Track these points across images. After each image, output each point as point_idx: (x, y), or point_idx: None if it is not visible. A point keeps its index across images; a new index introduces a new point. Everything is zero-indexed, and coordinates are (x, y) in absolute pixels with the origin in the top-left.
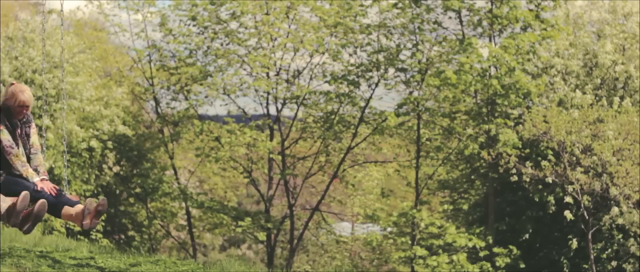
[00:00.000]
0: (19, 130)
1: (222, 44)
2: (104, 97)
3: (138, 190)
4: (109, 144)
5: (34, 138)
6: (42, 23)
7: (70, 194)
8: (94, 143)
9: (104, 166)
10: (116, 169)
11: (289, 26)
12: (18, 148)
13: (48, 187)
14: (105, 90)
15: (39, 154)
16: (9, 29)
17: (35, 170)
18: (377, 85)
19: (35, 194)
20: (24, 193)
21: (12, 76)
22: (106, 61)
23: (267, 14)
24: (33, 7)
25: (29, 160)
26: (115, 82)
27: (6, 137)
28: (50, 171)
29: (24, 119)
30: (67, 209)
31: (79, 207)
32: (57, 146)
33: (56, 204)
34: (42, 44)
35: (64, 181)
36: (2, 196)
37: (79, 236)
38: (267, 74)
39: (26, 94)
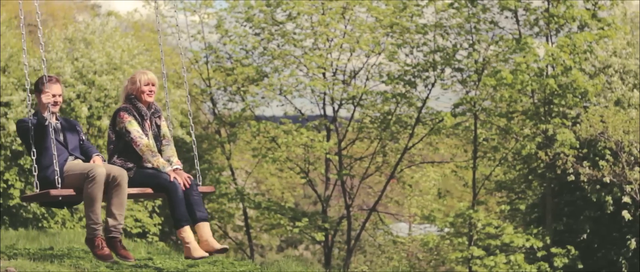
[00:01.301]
0: (148, 122)
1: (278, 45)
2: (162, 99)
3: None
4: None
5: (165, 129)
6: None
7: (202, 185)
8: None
9: None
10: None
11: (345, 27)
12: (148, 139)
13: (182, 177)
14: (163, 92)
15: (171, 145)
16: (68, 30)
17: (168, 161)
18: (433, 85)
19: (169, 185)
20: (108, 253)
21: (73, 77)
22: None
23: (323, 14)
24: (91, 9)
25: (160, 152)
26: (173, 84)
27: (135, 128)
28: None
29: (152, 109)
30: (186, 233)
31: (202, 233)
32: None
33: (180, 219)
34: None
35: (198, 172)
36: (113, 209)
37: (135, 238)
38: (324, 74)
39: (149, 73)
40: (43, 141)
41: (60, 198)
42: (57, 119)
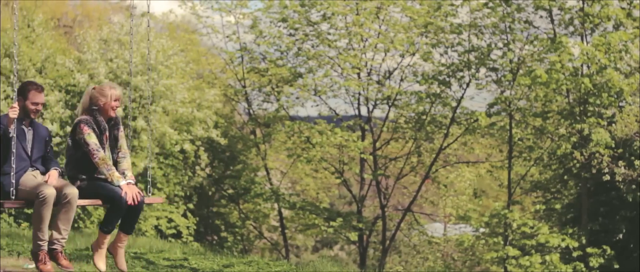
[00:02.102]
0: (106, 134)
1: (312, 46)
2: (197, 99)
3: (230, 191)
4: (201, 150)
5: (122, 141)
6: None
7: (154, 195)
8: (187, 146)
9: (197, 167)
10: (209, 170)
11: (380, 27)
12: (104, 151)
13: (133, 192)
14: (198, 92)
15: (127, 158)
16: (103, 31)
17: (123, 174)
18: (468, 85)
19: (118, 200)
20: None
21: (108, 78)
22: (198, 63)
23: (357, 14)
24: (126, 10)
25: (116, 164)
26: (208, 84)
27: (93, 141)
28: (144, 174)
29: (113, 122)
30: (104, 238)
31: (119, 250)
32: (152, 148)
33: (108, 225)
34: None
35: (148, 184)
36: (58, 227)
37: (170, 239)
38: (358, 74)
39: (118, 88)
40: (6, 151)
41: (7, 210)
42: (30, 125)
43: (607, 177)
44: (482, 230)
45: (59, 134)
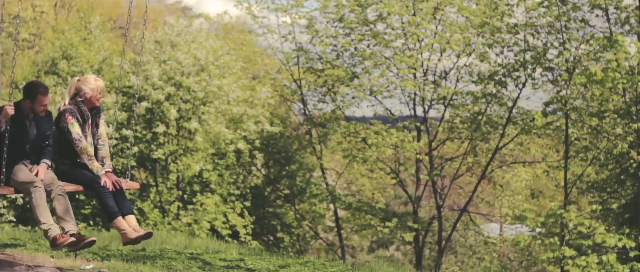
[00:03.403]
0: (89, 122)
1: (368, 46)
2: (249, 98)
3: (286, 191)
4: (257, 143)
5: (102, 129)
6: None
7: (130, 181)
8: (241, 145)
9: (253, 167)
10: (264, 171)
11: (436, 27)
12: (86, 140)
13: (111, 180)
14: (250, 92)
15: (106, 146)
16: (158, 33)
17: (101, 161)
18: (524, 85)
19: (98, 188)
20: (70, 240)
21: (162, 79)
22: (254, 64)
23: (414, 15)
24: (181, 11)
25: (96, 150)
26: (260, 83)
27: (76, 130)
28: (199, 174)
29: (94, 111)
30: (119, 222)
31: (131, 222)
32: (206, 149)
33: (111, 212)
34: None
35: (128, 170)
36: (58, 212)
37: (227, 239)
38: (414, 75)
39: (100, 80)
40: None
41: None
42: (34, 119)
43: None
44: (538, 230)
45: (116, 137)
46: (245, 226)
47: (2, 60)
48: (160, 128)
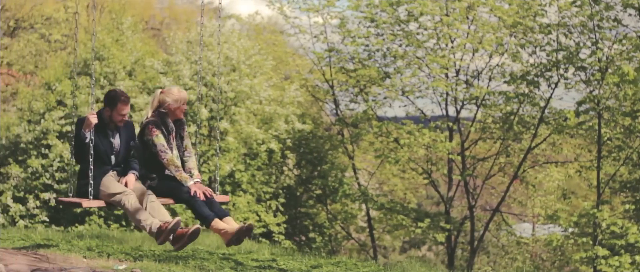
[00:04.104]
0: (173, 134)
1: (400, 46)
2: (279, 97)
3: (318, 191)
4: (288, 142)
5: (188, 141)
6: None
7: (220, 194)
8: (273, 145)
9: (285, 168)
10: (296, 171)
11: (468, 27)
12: (172, 152)
13: (201, 190)
14: (280, 91)
15: (192, 157)
16: (191, 33)
17: (189, 173)
18: (556, 85)
19: (189, 198)
20: (177, 220)
21: (193, 80)
22: (285, 64)
23: (446, 15)
24: (212, 12)
25: (183, 163)
26: (292, 83)
27: (161, 142)
28: (230, 175)
29: (178, 123)
30: (217, 223)
31: (229, 223)
32: (238, 149)
33: (206, 217)
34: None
35: (217, 184)
36: (157, 207)
37: (260, 239)
38: (446, 75)
39: (184, 91)
40: (85, 154)
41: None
42: (116, 128)
43: None
44: (571, 230)
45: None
46: (278, 224)
47: (35, 61)
48: (192, 128)
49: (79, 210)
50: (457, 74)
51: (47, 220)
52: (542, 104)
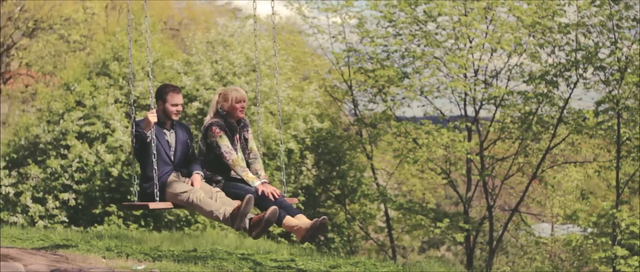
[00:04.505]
0: (237, 136)
1: (418, 46)
2: (298, 97)
3: (337, 192)
4: (307, 142)
5: (252, 143)
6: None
7: (289, 197)
8: (292, 145)
9: (303, 167)
10: (315, 171)
11: (487, 27)
12: (237, 153)
13: (269, 190)
14: (299, 91)
15: (258, 159)
16: (211, 34)
17: (256, 174)
18: (575, 84)
19: (258, 199)
20: (248, 196)
21: (214, 80)
22: (304, 64)
23: (465, 15)
24: (231, 12)
25: (248, 165)
26: (310, 84)
27: (225, 143)
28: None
29: (242, 124)
30: (289, 220)
31: (301, 219)
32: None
33: (278, 212)
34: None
35: (283, 184)
36: (226, 199)
37: (279, 238)
38: (464, 75)
39: (241, 90)
40: (146, 156)
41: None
42: (172, 127)
43: None
44: (590, 230)
45: None
46: None
47: (54, 61)
48: None
49: (139, 212)
50: (475, 74)
51: (67, 220)
52: (561, 104)
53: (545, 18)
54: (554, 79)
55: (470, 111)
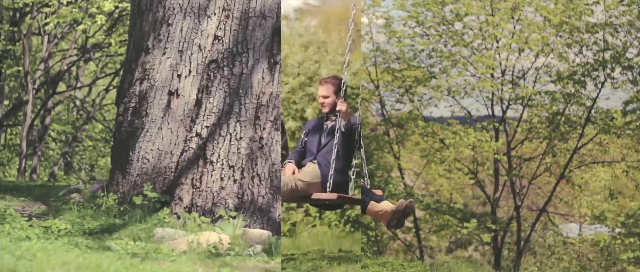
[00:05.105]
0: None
1: (445, 46)
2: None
3: None
4: None
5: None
6: None
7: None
8: None
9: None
10: None
11: (514, 27)
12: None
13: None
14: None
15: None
16: None
17: None
18: (603, 84)
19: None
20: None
21: None
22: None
23: (492, 15)
24: None
25: None
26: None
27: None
28: None
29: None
30: (373, 206)
31: (386, 204)
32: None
33: (363, 201)
34: None
35: (365, 175)
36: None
37: None
38: (492, 75)
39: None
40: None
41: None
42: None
43: None
44: (618, 230)
45: None
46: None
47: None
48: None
49: None
50: (503, 74)
51: None
52: (589, 103)
53: (573, 17)
54: (582, 78)
55: (498, 111)
